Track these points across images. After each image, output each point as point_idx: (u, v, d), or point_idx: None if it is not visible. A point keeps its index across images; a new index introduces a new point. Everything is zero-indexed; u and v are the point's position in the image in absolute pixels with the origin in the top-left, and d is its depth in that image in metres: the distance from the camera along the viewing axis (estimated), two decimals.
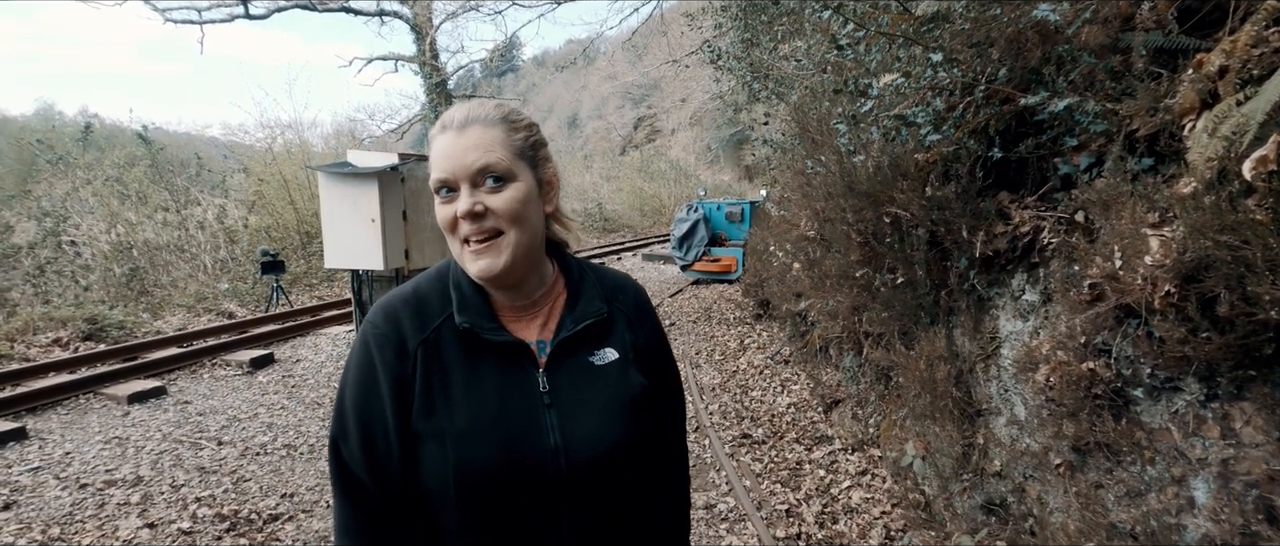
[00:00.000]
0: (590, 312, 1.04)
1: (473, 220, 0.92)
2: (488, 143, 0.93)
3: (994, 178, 2.71)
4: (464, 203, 0.92)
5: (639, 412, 1.03)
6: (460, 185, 0.93)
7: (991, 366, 2.83)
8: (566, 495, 0.96)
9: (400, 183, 6.76)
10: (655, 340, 1.14)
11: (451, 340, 0.97)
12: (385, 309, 1.00)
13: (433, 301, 1.00)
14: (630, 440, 1.01)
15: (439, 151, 0.94)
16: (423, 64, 18.89)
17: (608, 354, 1.04)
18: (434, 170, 0.94)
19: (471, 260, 0.95)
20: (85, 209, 11.41)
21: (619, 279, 1.15)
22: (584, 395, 0.99)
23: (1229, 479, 1.77)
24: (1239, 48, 1.54)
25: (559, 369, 1.00)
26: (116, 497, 3.89)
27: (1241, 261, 1.44)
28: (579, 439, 0.96)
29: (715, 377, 6.01)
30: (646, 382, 1.06)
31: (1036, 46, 2.22)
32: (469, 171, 0.92)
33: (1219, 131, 1.40)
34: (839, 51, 2.93)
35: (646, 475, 1.09)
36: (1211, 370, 1.78)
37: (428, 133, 1.05)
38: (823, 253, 4.08)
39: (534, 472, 0.93)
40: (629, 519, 1.05)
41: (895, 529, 3.34)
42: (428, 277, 1.05)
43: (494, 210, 0.93)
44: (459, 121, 0.94)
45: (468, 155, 0.92)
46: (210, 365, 6.68)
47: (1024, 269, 2.61)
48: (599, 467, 0.97)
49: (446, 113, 0.98)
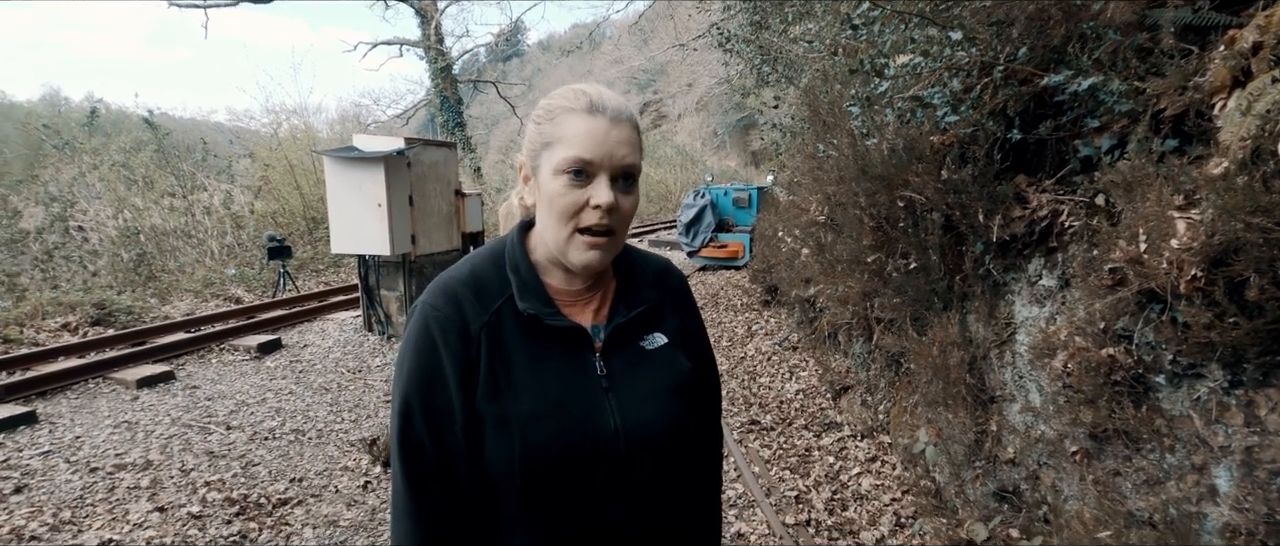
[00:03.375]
0: (643, 300, 1.06)
1: (608, 214, 0.92)
2: (635, 142, 0.95)
3: (1011, 160, 2.66)
4: (605, 194, 0.91)
5: (689, 395, 1.07)
6: (600, 174, 0.92)
7: (1006, 352, 2.79)
8: (624, 475, 0.98)
9: (407, 167, 6.73)
10: (697, 325, 1.17)
11: (512, 324, 0.97)
12: (445, 291, 0.98)
13: (491, 284, 1.00)
14: (683, 420, 1.04)
15: (588, 132, 0.91)
16: (427, 48, 18.79)
17: (657, 339, 1.07)
18: (577, 146, 0.91)
19: (582, 250, 0.94)
20: (92, 194, 11.42)
21: (661, 263, 1.17)
22: (638, 379, 1.02)
23: (1253, 467, 1.73)
24: (1274, 23, 1.49)
25: (614, 353, 1.02)
26: (126, 481, 3.90)
27: (1274, 244, 1.40)
28: (637, 421, 0.98)
29: (723, 364, 5.98)
30: (692, 366, 1.09)
31: (1060, 24, 2.16)
32: (618, 165, 0.92)
33: (1253, 110, 1.35)
34: (852, 31, 2.86)
35: (692, 457, 1.12)
36: (1237, 356, 1.74)
37: (549, 99, 0.99)
38: (833, 238, 4.04)
39: (597, 454, 0.95)
40: (677, 499, 1.08)
41: (905, 515, 3.32)
42: (482, 259, 1.04)
43: (621, 211, 0.94)
44: (614, 111, 0.93)
45: (620, 148, 0.92)
46: (218, 350, 6.70)
47: (1041, 253, 2.57)
48: (656, 449, 1.00)
49: (590, 91, 0.95)
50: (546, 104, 0.97)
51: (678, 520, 1.08)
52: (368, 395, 5.45)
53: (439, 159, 7.26)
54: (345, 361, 6.36)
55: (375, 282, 7.17)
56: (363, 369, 6.15)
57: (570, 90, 0.97)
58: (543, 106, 0.98)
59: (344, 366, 6.21)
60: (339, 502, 3.71)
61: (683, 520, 1.10)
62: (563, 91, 0.98)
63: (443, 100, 19.13)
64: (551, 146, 0.93)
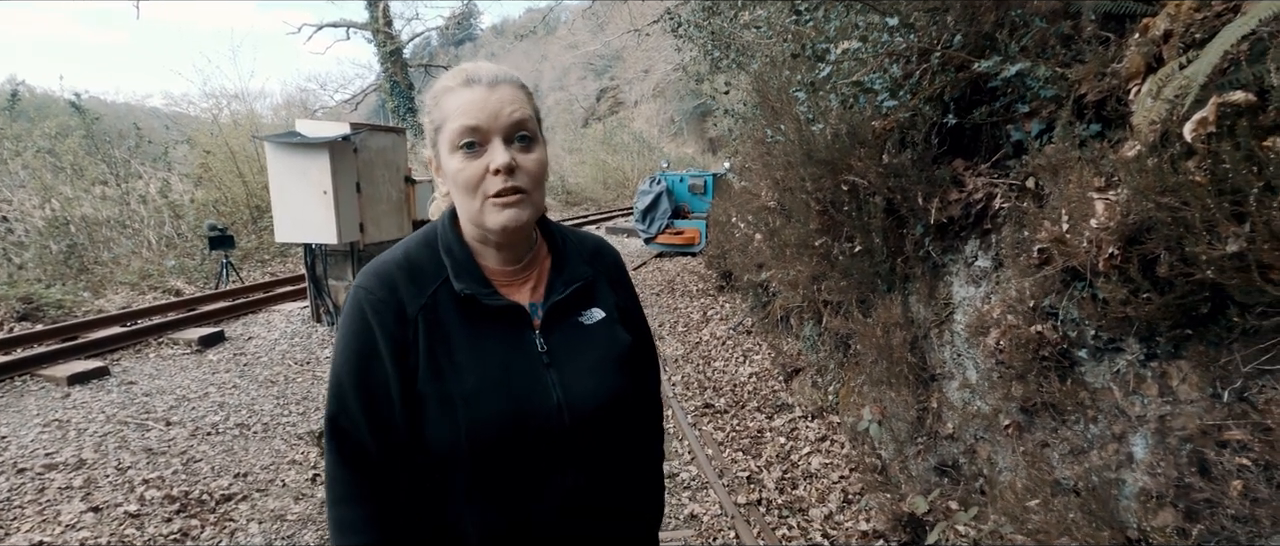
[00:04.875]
0: (578, 276, 1.09)
1: (508, 174, 0.93)
2: (521, 100, 0.96)
3: (949, 145, 2.73)
4: (500, 156, 0.92)
5: (628, 367, 1.10)
6: (492, 139, 0.93)
7: (946, 331, 2.88)
8: (568, 448, 1.00)
9: (353, 153, 6.55)
10: (633, 300, 1.21)
11: (449, 305, 0.98)
12: (379, 274, 0.99)
13: (426, 267, 1.01)
14: (624, 392, 1.08)
15: (468, 103, 0.93)
16: (376, 32, 18.27)
17: (595, 314, 1.09)
18: (461, 118, 0.93)
19: (495, 211, 0.95)
20: (15, 183, 10.79)
21: (595, 241, 1.20)
22: (578, 353, 1.04)
23: (1165, 435, 1.84)
24: (1183, 12, 1.56)
25: (553, 330, 1.04)
26: (58, 481, 3.74)
27: (1181, 222, 1.48)
28: (579, 394, 1.01)
29: (679, 349, 6.04)
30: (631, 340, 1.13)
31: (990, 11, 2.23)
32: (505, 124, 0.93)
33: (1162, 94, 1.42)
34: (797, 17, 2.90)
35: (633, 428, 1.16)
36: (1151, 330, 1.84)
37: (432, 86, 1.02)
38: (783, 222, 4.10)
39: (541, 429, 0.98)
40: (620, 470, 1.11)
41: (853, 492, 3.42)
42: (416, 243, 1.04)
43: (523, 168, 0.95)
44: (489, 78, 0.95)
45: (504, 108, 0.93)
46: (156, 344, 6.44)
47: (977, 235, 2.66)
48: (598, 420, 1.03)
49: (467, 67, 0.97)
50: (431, 92, 1.00)
51: (620, 490, 1.11)
52: (316, 387, 5.32)
53: (387, 145, 7.09)
54: (292, 353, 6.19)
55: (322, 272, 6.98)
56: (311, 360, 6.00)
57: (448, 73, 1.00)
58: (429, 95, 1.00)
59: (291, 358, 6.05)
60: (286, 496, 3.62)
61: (625, 490, 1.12)
62: (444, 76, 1.00)
63: (393, 85, 18.66)
64: (441, 128, 0.96)
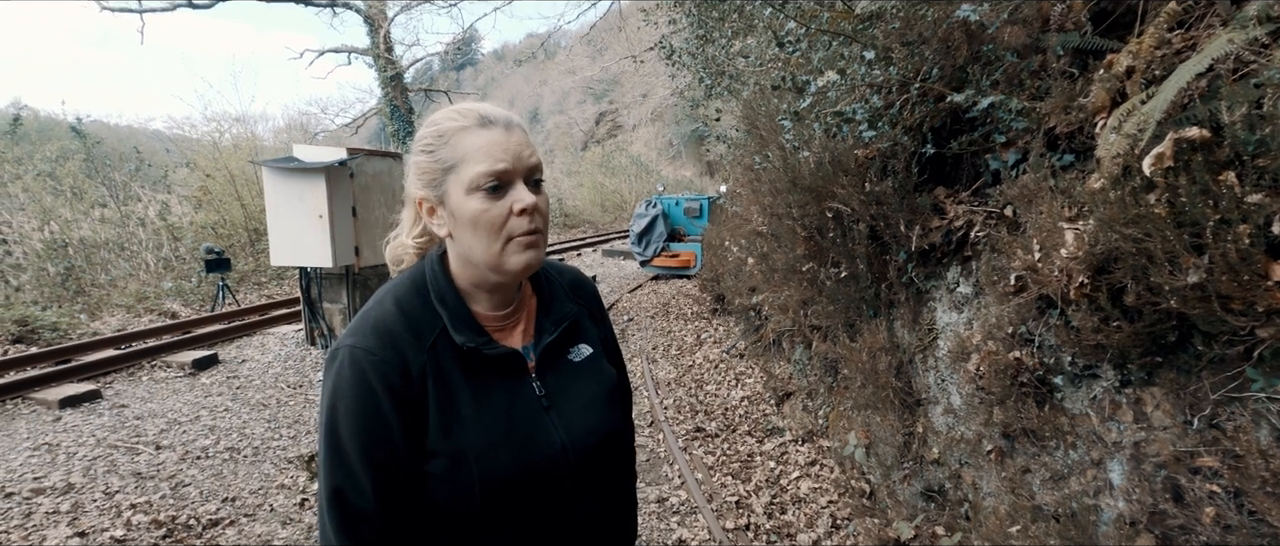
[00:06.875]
0: (565, 314, 1.10)
1: (534, 216, 0.94)
2: (532, 144, 0.97)
3: (930, 173, 2.78)
4: (526, 198, 0.93)
5: (618, 399, 1.13)
6: (516, 181, 0.94)
7: (929, 357, 2.91)
8: (577, 482, 1.02)
9: (349, 178, 6.61)
10: (610, 330, 1.23)
11: (450, 357, 0.97)
12: (377, 332, 0.95)
13: (422, 319, 0.98)
14: (618, 427, 1.11)
15: (490, 143, 0.92)
16: (377, 57, 18.48)
17: (583, 350, 1.11)
18: (486, 161, 0.92)
19: (519, 253, 0.95)
20: (15, 205, 10.85)
21: (574, 275, 1.21)
22: (573, 392, 1.06)
23: (1140, 461, 1.86)
24: (1144, 49, 1.62)
25: (547, 372, 1.05)
26: (45, 506, 3.72)
27: (1145, 253, 1.51)
28: (580, 432, 1.03)
29: (671, 372, 6.04)
30: (615, 372, 1.15)
31: (963, 45, 2.29)
32: (526, 167, 0.94)
33: (1124, 129, 1.47)
34: (780, 48, 2.96)
35: (626, 452, 1.20)
36: (1123, 357, 1.86)
37: (430, 125, 0.99)
38: (772, 247, 4.14)
39: (548, 472, 0.99)
40: (622, 494, 1.17)
41: (841, 517, 3.42)
42: (405, 291, 1.01)
43: (541, 211, 0.96)
44: (504, 120, 0.95)
45: (524, 151, 0.94)
46: (149, 367, 6.44)
47: (958, 262, 2.69)
48: (600, 454, 1.05)
49: (475, 106, 0.96)
50: (432, 131, 0.97)
51: (610, 515, 1.13)
52: (308, 410, 5.31)
53: (384, 169, 7.16)
54: (285, 376, 6.19)
55: (317, 295, 7.01)
56: (304, 384, 5.99)
57: (451, 111, 0.98)
58: (429, 134, 0.97)
59: (284, 381, 6.05)
60: (273, 521, 3.61)
61: (614, 513, 1.15)
62: (441, 116, 0.98)
63: (393, 109, 18.82)
64: (455, 169, 0.93)
